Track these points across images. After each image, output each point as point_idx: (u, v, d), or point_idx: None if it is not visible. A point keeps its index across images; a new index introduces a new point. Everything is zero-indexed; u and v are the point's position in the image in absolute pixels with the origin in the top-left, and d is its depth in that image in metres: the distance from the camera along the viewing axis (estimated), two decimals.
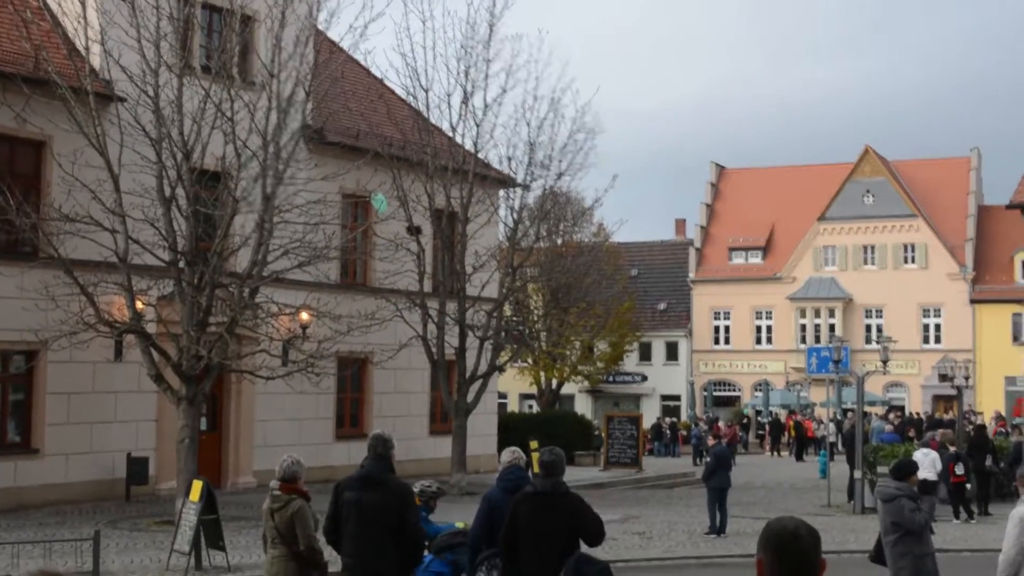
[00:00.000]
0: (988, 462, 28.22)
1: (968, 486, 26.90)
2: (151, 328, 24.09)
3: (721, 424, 53.66)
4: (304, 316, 27.19)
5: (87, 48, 23.27)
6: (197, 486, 17.91)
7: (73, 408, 25.69)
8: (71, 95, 22.53)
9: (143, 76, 22.77)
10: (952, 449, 26.93)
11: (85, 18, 22.91)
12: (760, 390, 63.44)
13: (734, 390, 68.81)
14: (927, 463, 27.09)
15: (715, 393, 67.74)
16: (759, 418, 57.78)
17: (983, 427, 33.30)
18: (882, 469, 25.24)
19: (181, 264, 23.11)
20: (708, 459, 25.02)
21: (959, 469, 26.38)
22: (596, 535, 10.15)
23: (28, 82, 22.92)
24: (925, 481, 27.11)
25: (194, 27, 25.81)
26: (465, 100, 30.64)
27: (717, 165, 74.42)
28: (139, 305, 23.30)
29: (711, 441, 26.21)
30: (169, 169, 22.86)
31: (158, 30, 22.90)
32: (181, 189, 22.98)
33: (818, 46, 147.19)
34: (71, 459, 25.67)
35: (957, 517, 26.23)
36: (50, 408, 25.36)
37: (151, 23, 22.82)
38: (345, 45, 27.28)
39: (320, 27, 25.96)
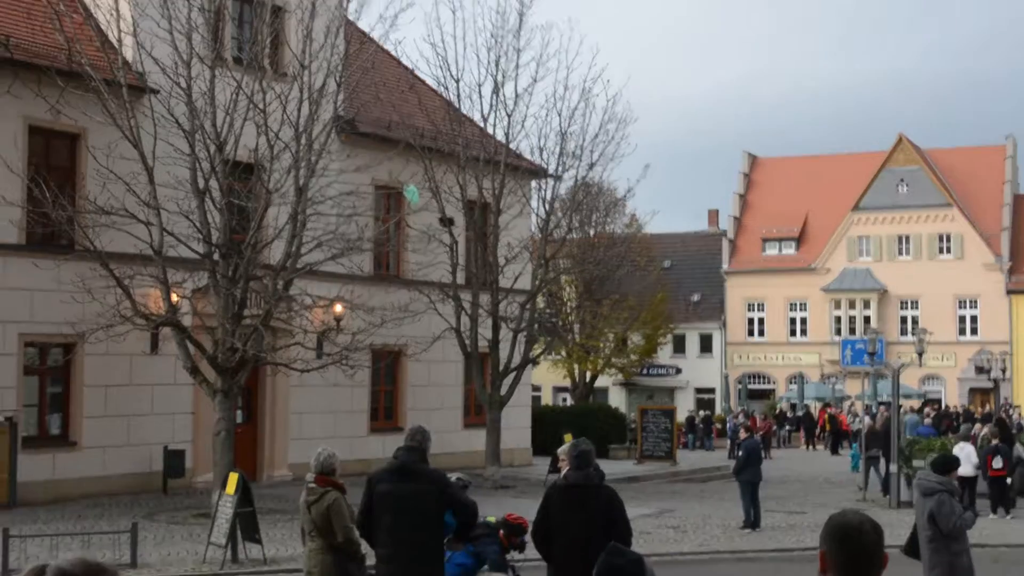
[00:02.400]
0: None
1: (1009, 480, 26.59)
2: (187, 321, 24.14)
3: (757, 417, 53.45)
4: (338, 308, 27.18)
5: (120, 40, 23.34)
6: (233, 479, 17.92)
7: (110, 401, 25.77)
8: (104, 87, 22.58)
9: (175, 68, 22.80)
10: (994, 442, 26.65)
11: (117, 10, 22.98)
12: (795, 383, 63.11)
13: (768, 383, 68.39)
14: (963, 457, 26.87)
15: (749, 386, 67.38)
16: (795, 412, 57.39)
17: (1003, 420, 33.00)
18: (919, 463, 24.97)
19: (216, 256, 23.15)
20: (739, 453, 24.90)
21: (997, 463, 26.06)
22: (624, 533, 9.97)
23: (62, 75, 22.96)
24: (963, 478, 26.96)
25: (225, 18, 25.81)
26: (496, 90, 30.54)
27: (750, 155, 73.94)
28: (174, 298, 23.36)
29: (743, 435, 26.03)
30: (202, 161, 22.90)
31: (190, 22, 22.92)
32: (215, 181, 23.03)
33: (852, 34, 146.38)
34: (108, 452, 25.75)
35: (995, 512, 25.90)
36: (88, 401, 25.45)
37: (183, 15, 22.85)
38: (376, 35, 27.29)
39: (350, 17, 25.93)
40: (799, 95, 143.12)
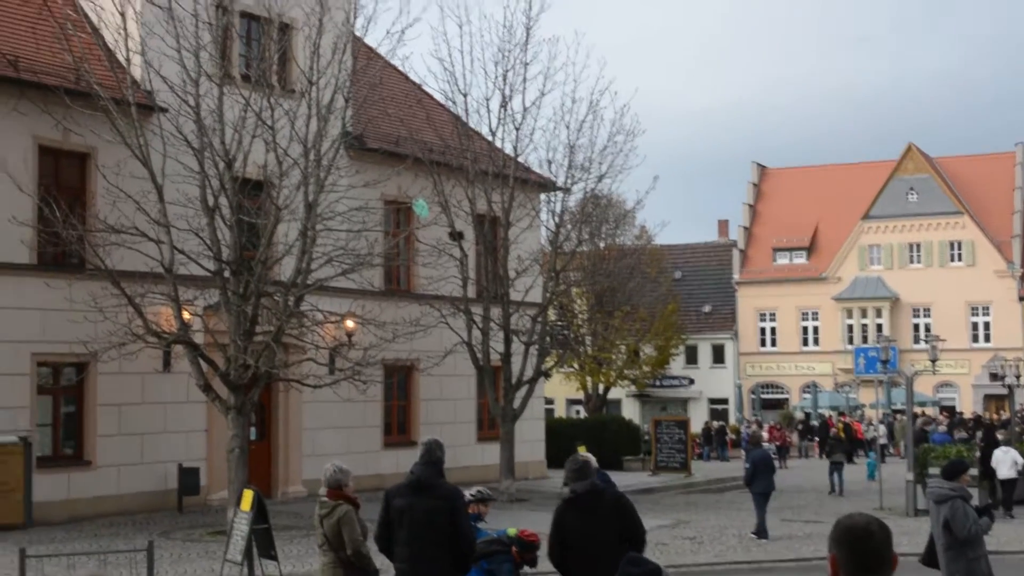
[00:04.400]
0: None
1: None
2: (199, 338, 24.16)
3: (766, 426, 53.26)
4: (349, 324, 27.17)
5: (128, 59, 23.39)
6: (248, 496, 17.88)
7: (124, 419, 25.77)
8: (113, 106, 22.66)
9: (184, 86, 22.88)
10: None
11: (125, 29, 23.02)
12: (808, 392, 63.00)
13: (782, 392, 68.28)
14: (1007, 461, 26.81)
15: (763, 396, 67.30)
16: (809, 421, 57.27)
17: (991, 427, 32.93)
18: (934, 470, 24.88)
19: (226, 274, 23.18)
20: (746, 465, 24.82)
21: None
22: (638, 538, 9.89)
23: (70, 94, 23.05)
24: (1004, 480, 26.89)
25: (233, 36, 25.92)
26: (504, 104, 30.57)
27: (759, 165, 73.96)
28: (186, 315, 23.39)
29: (752, 446, 25.92)
30: (212, 179, 22.94)
31: (197, 40, 22.99)
32: (224, 198, 23.07)
33: (859, 43, 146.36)
34: (123, 470, 25.74)
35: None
36: (101, 420, 25.45)
37: (190, 33, 22.93)
38: (383, 51, 27.29)
39: (357, 33, 25.98)
40: (807, 106, 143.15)
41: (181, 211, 22.92)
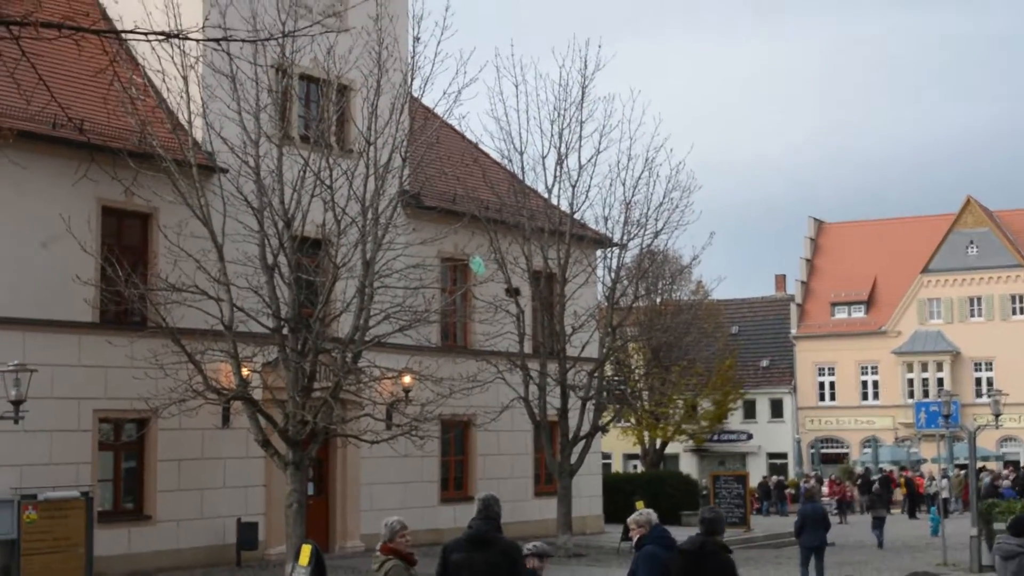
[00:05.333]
0: None
1: None
2: (257, 394, 24.45)
3: (826, 481, 52.69)
4: (407, 380, 27.38)
5: (190, 122, 23.90)
6: (306, 550, 17.96)
7: (184, 474, 26.04)
8: (175, 168, 23.17)
9: (244, 147, 23.34)
10: None
11: (187, 93, 23.55)
12: (869, 446, 62.39)
13: (842, 447, 67.66)
14: None
15: (822, 450, 66.67)
16: (869, 476, 56.66)
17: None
18: (999, 526, 24.58)
19: (285, 331, 23.48)
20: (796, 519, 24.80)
21: None
22: None
23: (134, 156, 23.58)
24: None
25: (292, 98, 26.36)
26: (560, 161, 30.82)
27: (816, 220, 73.82)
28: (245, 372, 23.70)
29: (806, 500, 25.81)
30: (271, 237, 23.31)
31: (258, 102, 23.47)
32: (283, 257, 23.41)
33: (915, 98, 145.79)
34: (182, 525, 25.98)
35: None
36: (161, 475, 25.73)
37: (251, 95, 23.41)
38: (440, 111, 27.65)
39: (415, 94, 26.35)
40: (864, 160, 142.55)
41: (241, 270, 23.31)
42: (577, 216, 31.53)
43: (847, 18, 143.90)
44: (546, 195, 31.47)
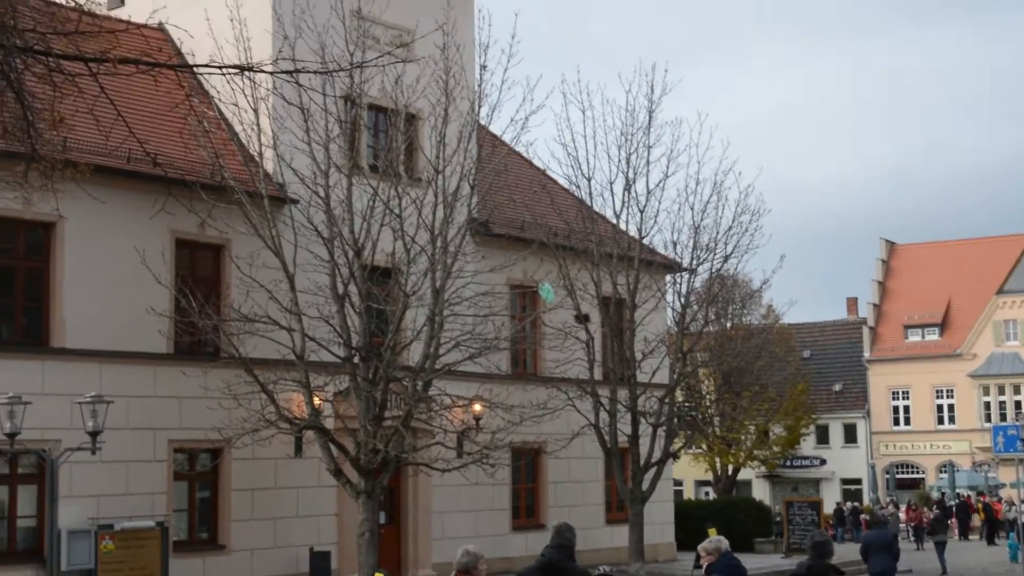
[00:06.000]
0: None
1: None
2: (329, 424, 24.59)
3: (902, 507, 51.95)
4: (477, 407, 27.39)
5: (260, 153, 24.18)
6: None
7: (257, 504, 26.19)
8: (247, 199, 23.42)
9: (314, 178, 23.56)
10: None
11: (258, 125, 23.83)
12: (945, 471, 61.46)
13: (917, 472, 66.71)
14: None
15: (897, 475, 65.77)
16: (946, 501, 55.82)
17: None
18: None
19: (356, 360, 23.62)
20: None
21: None
22: None
23: (207, 189, 23.88)
24: None
25: (361, 128, 26.59)
26: (627, 187, 30.74)
27: (887, 241, 73.09)
28: (317, 401, 23.85)
29: (873, 525, 25.56)
30: (341, 267, 23.48)
31: (327, 133, 23.69)
32: (353, 286, 23.57)
33: (989, 117, 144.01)
34: (256, 554, 26.11)
35: None
36: (235, 504, 25.90)
37: (320, 127, 23.63)
38: (507, 138, 27.72)
39: (482, 122, 26.45)
40: (936, 179, 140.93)
41: (312, 299, 23.48)
42: (646, 241, 31.43)
43: (923, 39, 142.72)
44: (614, 221, 31.42)
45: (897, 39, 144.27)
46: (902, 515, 50.96)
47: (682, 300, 32.77)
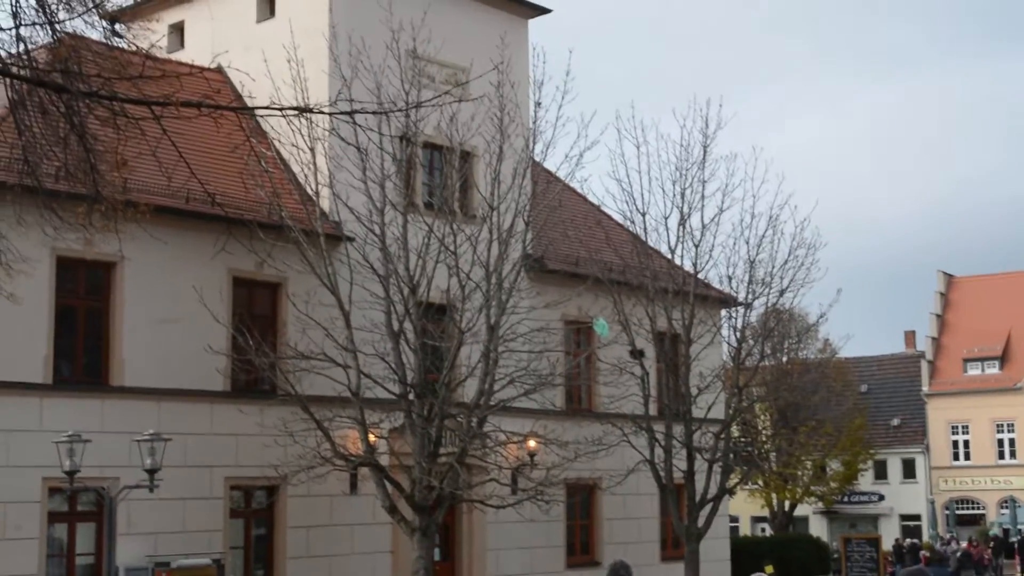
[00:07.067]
0: None
1: None
2: (384, 460, 24.60)
3: (963, 543, 51.19)
4: (532, 444, 27.31)
5: (317, 192, 24.36)
6: None
7: (312, 541, 26.21)
8: (303, 238, 23.58)
9: (370, 216, 23.70)
10: None
11: (315, 164, 24.03)
12: (1007, 507, 60.55)
13: (978, 508, 65.73)
14: None
15: (957, 511, 64.83)
16: (1008, 537, 55.00)
17: None
18: None
19: (411, 396, 23.65)
20: None
21: None
22: None
23: (264, 227, 24.07)
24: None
25: (416, 166, 26.72)
26: (682, 222, 30.66)
27: (945, 273, 72.36)
28: (372, 438, 23.89)
29: (933, 562, 25.12)
30: (397, 304, 23.56)
31: (383, 171, 23.82)
32: (409, 323, 23.65)
33: None
34: None
35: None
36: (291, 542, 25.92)
37: (376, 165, 23.77)
38: (561, 174, 27.75)
39: (536, 158, 26.51)
40: (994, 211, 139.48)
41: (367, 336, 23.57)
42: (701, 276, 31.30)
43: (979, 70, 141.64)
44: (669, 255, 31.32)
45: (952, 71, 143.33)
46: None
47: (738, 335, 32.61)
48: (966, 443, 66.56)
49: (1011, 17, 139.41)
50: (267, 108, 10.70)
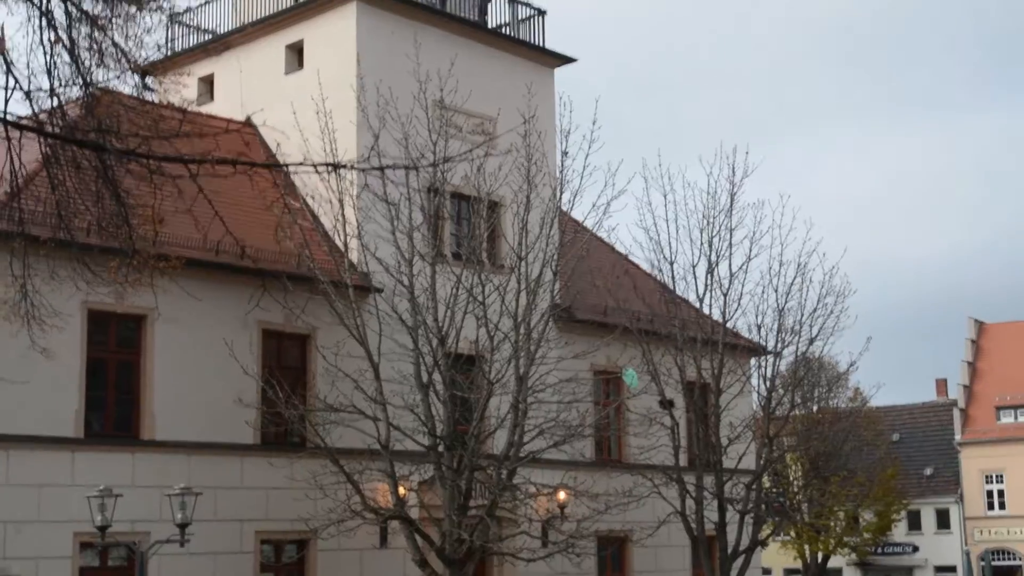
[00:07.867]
0: None
1: None
2: (414, 513, 24.47)
3: None
4: (562, 496, 27.12)
5: (346, 244, 24.41)
6: None
7: None
8: (332, 289, 23.60)
9: (398, 267, 23.72)
10: None
11: (343, 215, 24.10)
12: None
13: (1015, 559, 64.81)
14: None
15: (994, 563, 63.84)
16: None
17: None
18: None
19: (440, 448, 23.55)
20: None
21: None
22: None
23: (292, 279, 24.12)
24: None
25: (444, 216, 26.76)
26: (710, 270, 30.55)
27: (976, 321, 71.86)
28: (402, 491, 23.79)
29: None
30: (426, 355, 23.52)
31: (411, 222, 23.87)
32: (438, 374, 23.59)
33: None
34: None
35: None
36: None
37: (405, 216, 23.82)
38: (589, 223, 27.70)
39: (564, 208, 26.51)
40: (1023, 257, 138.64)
41: (396, 388, 23.52)
42: (730, 325, 31.14)
43: (1008, 114, 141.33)
44: (697, 304, 31.20)
45: (978, 117, 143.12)
46: None
47: (767, 384, 32.41)
48: (1000, 492, 65.76)
49: None
50: (300, 164, 10.74)
